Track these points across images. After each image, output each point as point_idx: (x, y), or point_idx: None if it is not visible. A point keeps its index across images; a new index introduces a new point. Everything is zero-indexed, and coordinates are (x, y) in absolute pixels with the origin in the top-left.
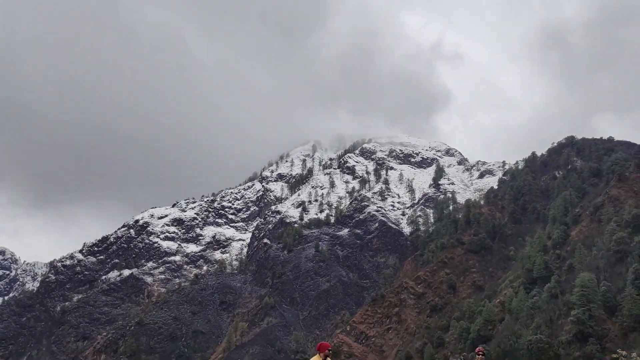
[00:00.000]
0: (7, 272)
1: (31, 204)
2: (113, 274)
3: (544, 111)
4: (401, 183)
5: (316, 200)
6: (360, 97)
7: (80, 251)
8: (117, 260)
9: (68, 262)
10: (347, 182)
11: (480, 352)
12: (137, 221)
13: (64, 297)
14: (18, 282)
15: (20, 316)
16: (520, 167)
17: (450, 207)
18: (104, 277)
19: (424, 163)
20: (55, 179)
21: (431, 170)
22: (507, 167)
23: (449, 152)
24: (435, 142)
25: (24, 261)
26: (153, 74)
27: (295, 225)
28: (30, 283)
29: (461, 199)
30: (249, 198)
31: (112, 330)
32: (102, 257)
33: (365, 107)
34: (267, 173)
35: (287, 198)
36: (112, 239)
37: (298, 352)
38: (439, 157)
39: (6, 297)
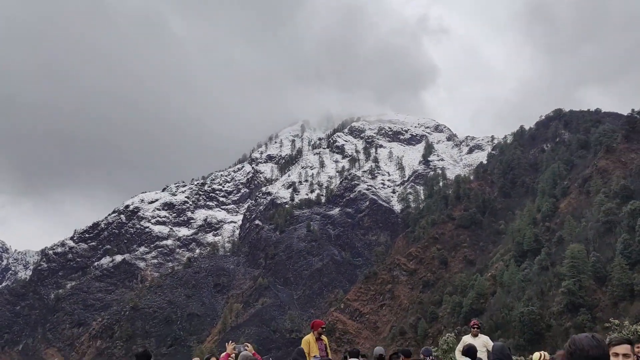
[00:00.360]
0: None
1: (17, 192)
2: (105, 260)
3: (530, 83)
4: (391, 161)
5: (306, 181)
6: (346, 75)
7: (71, 238)
8: (108, 246)
9: (59, 250)
10: (336, 161)
11: (476, 325)
12: (127, 206)
13: (57, 285)
14: (10, 271)
15: (14, 305)
16: (508, 141)
17: (440, 183)
18: (96, 263)
19: (413, 140)
20: (40, 166)
21: (420, 147)
22: (495, 141)
23: (437, 128)
24: (424, 119)
25: (15, 250)
26: (135, 57)
27: (286, 206)
28: (22, 272)
29: (451, 174)
30: (239, 180)
31: (107, 315)
32: (93, 243)
33: (352, 85)
34: (256, 155)
35: (277, 179)
36: (102, 225)
37: (293, 331)
38: (428, 133)
39: None
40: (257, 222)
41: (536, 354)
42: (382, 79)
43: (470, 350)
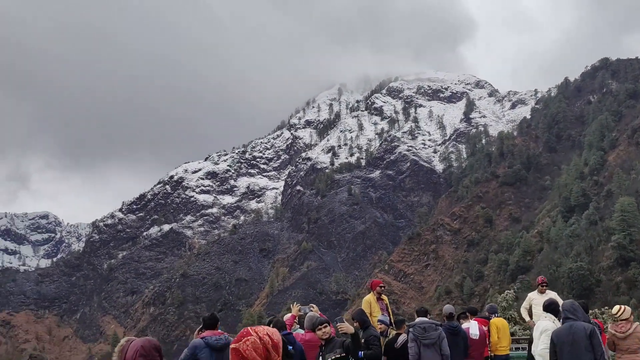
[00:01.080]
0: (53, 235)
1: (66, 167)
2: (154, 230)
3: (573, 33)
4: (431, 120)
5: (345, 144)
6: (381, 34)
7: (120, 210)
8: (156, 216)
9: (109, 221)
10: (375, 123)
11: (544, 283)
12: (172, 177)
13: (109, 255)
14: (64, 244)
15: (70, 276)
16: (553, 94)
17: (483, 141)
18: (145, 233)
19: (453, 98)
20: (86, 141)
21: (461, 104)
22: (539, 95)
23: (478, 85)
24: (464, 75)
25: (68, 223)
26: (170, 29)
27: (327, 170)
28: (75, 244)
29: (494, 131)
30: (279, 147)
31: (158, 283)
32: (141, 214)
33: (387, 44)
34: (294, 120)
35: (316, 144)
36: (149, 196)
37: (339, 292)
38: (469, 90)
39: (54, 259)
40: (298, 187)
41: (616, 307)
42: (418, 36)
43: (551, 305)
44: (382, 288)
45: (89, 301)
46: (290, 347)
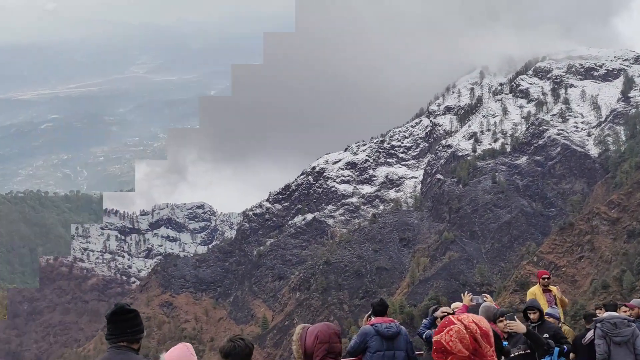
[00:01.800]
0: (208, 224)
1: (217, 159)
2: (298, 219)
3: None
4: (584, 101)
5: (488, 130)
6: (524, 10)
7: (267, 200)
8: (300, 206)
9: (258, 211)
10: (521, 106)
11: None
12: (313, 168)
13: (258, 242)
14: (218, 232)
15: (223, 262)
16: None
17: None
18: (290, 222)
19: (609, 75)
20: (235, 133)
21: (618, 82)
22: None
23: (638, 60)
24: (621, 50)
25: (221, 212)
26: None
27: (468, 157)
28: (228, 232)
29: None
30: (417, 135)
31: (303, 270)
32: (286, 203)
33: (531, 21)
34: (433, 107)
35: (456, 131)
36: (293, 187)
37: (483, 284)
38: (627, 66)
39: (210, 246)
40: (438, 176)
41: None
42: (566, 11)
43: None
44: (547, 280)
45: (241, 285)
46: (506, 343)
